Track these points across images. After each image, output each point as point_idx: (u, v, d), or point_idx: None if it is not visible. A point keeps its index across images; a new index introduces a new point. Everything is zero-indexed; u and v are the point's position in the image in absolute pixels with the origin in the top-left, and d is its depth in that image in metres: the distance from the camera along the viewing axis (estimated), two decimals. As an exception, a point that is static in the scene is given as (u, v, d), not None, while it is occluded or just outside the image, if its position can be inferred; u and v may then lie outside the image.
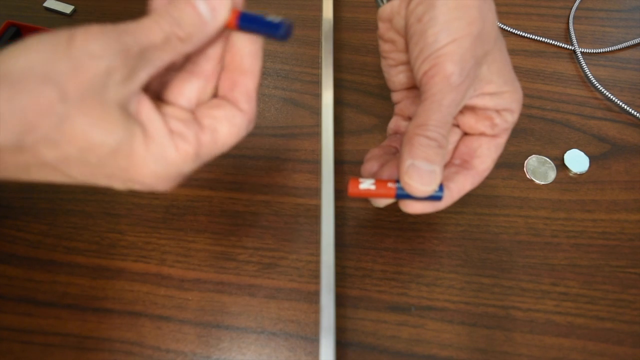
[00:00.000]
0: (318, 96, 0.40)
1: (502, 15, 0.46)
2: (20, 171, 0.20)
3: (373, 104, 0.40)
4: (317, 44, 0.44)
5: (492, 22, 0.26)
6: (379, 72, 0.33)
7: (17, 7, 0.46)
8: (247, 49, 0.24)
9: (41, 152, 0.19)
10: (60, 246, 0.33)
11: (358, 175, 0.36)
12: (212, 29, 0.22)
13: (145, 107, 0.21)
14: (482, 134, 0.28)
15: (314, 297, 0.31)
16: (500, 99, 0.27)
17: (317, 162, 0.37)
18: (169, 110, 0.23)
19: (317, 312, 0.31)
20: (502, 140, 0.28)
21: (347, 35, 0.44)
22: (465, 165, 0.28)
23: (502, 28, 0.45)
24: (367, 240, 0.34)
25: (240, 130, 0.24)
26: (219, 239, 0.33)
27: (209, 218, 0.34)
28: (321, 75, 0.38)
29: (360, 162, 0.37)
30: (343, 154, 0.37)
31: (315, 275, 0.32)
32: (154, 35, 0.21)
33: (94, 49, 0.19)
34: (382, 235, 0.34)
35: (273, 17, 0.23)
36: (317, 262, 0.33)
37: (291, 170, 0.37)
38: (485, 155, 0.28)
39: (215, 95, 0.25)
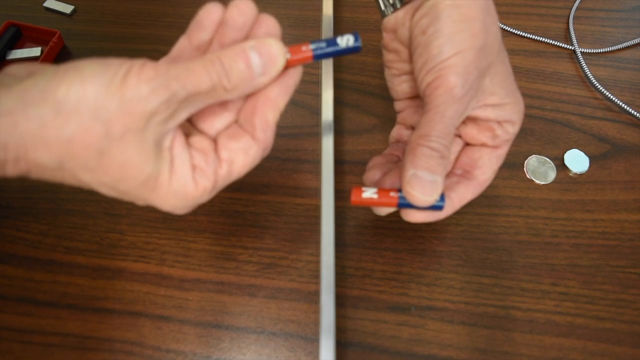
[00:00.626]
0: (318, 96, 0.40)
1: (502, 15, 0.46)
2: (55, 180, 0.21)
3: (373, 104, 0.40)
4: (317, 44, 0.44)
5: (495, 34, 0.26)
6: (379, 72, 0.33)
7: (17, 7, 0.46)
8: (285, 82, 0.24)
9: (78, 173, 0.20)
10: (60, 246, 0.33)
11: (358, 175, 0.36)
12: (259, 84, 0.23)
13: (178, 143, 0.23)
14: (483, 145, 0.29)
15: (314, 297, 0.31)
16: (502, 110, 0.27)
17: (317, 162, 0.37)
18: (195, 141, 0.24)
19: (317, 312, 0.31)
20: (503, 151, 0.29)
21: (347, 35, 0.44)
22: (466, 175, 0.29)
23: (502, 28, 0.45)
24: (367, 240, 0.34)
25: (254, 160, 0.25)
26: (219, 239, 0.33)
27: (209, 218, 0.34)
28: (321, 75, 0.38)
29: (360, 162, 0.37)
30: (343, 154, 0.37)
31: (315, 275, 0.32)
32: (203, 84, 0.21)
33: (144, 92, 0.19)
34: (382, 235, 0.34)
35: (341, 37, 0.24)
36: (317, 262, 0.33)
37: (291, 170, 0.37)
38: (486, 166, 0.29)
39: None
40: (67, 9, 0.45)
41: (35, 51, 0.42)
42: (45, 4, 0.46)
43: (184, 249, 0.33)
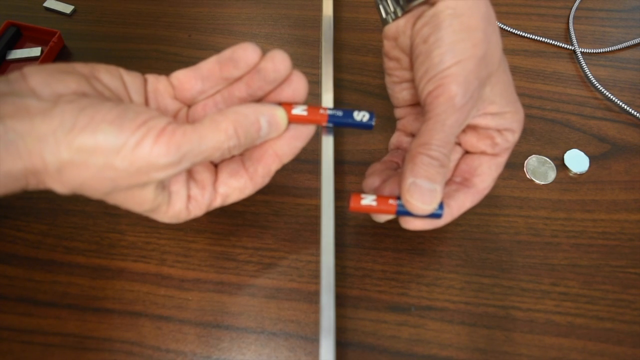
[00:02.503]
0: (318, 96, 0.40)
1: (502, 15, 0.46)
2: None
3: (373, 104, 0.40)
4: (317, 44, 0.44)
5: (496, 44, 0.26)
6: (379, 72, 0.33)
7: (17, 7, 0.46)
8: (294, 144, 0.27)
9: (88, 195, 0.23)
10: (60, 246, 0.33)
11: (358, 175, 0.36)
12: (260, 142, 0.25)
13: (178, 180, 0.25)
14: (483, 153, 0.29)
15: (314, 297, 0.31)
16: (502, 119, 0.27)
17: (317, 162, 0.37)
18: (197, 171, 0.26)
19: (317, 312, 0.31)
20: (502, 159, 0.29)
21: (347, 35, 0.44)
22: (465, 183, 0.29)
23: (502, 28, 0.45)
24: (367, 240, 0.34)
25: (247, 196, 0.27)
26: (219, 239, 0.33)
27: (209, 218, 0.34)
28: (321, 75, 0.38)
29: (360, 162, 0.37)
30: (343, 154, 0.37)
31: (315, 275, 0.32)
32: (214, 155, 0.23)
33: (155, 164, 0.21)
34: (382, 235, 0.34)
35: (358, 112, 0.26)
36: (317, 262, 0.33)
37: (291, 170, 0.37)
38: (485, 174, 0.29)
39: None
40: (67, 9, 0.45)
41: (35, 51, 0.42)
42: (45, 4, 0.46)
43: (184, 249, 0.33)
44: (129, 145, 0.20)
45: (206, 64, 0.25)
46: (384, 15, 0.28)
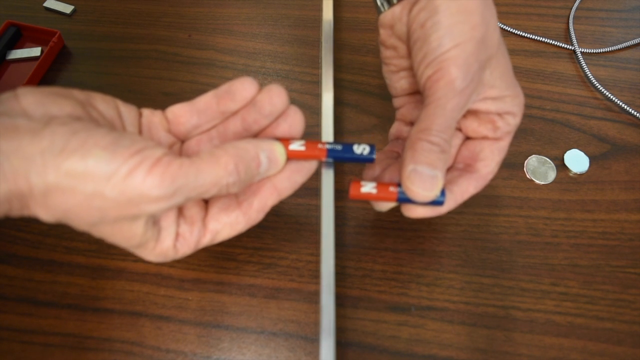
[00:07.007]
0: (318, 96, 0.40)
1: (502, 15, 0.46)
2: None
3: (373, 104, 0.40)
4: (317, 44, 0.44)
5: (494, 27, 0.26)
6: (379, 72, 0.33)
7: (17, 7, 0.46)
8: (294, 178, 0.26)
9: (74, 225, 0.22)
10: (60, 246, 0.33)
11: (358, 175, 0.36)
12: (258, 179, 0.24)
13: (170, 215, 0.24)
14: (484, 138, 0.28)
15: (314, 297, 0.31)
16: (503, 102, 0.27)
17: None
18: (186, 212, 0.25)
19: (317, 312, 0.31)
20: (505, 143, 0.28)
21: (347, 35, 0.44)
22: (468, 168, 0.28)
23: (502, 28, 0.45)
24: (367, 240, 0.34)
25: (238, 232, 0.26)
26: (219, 239, 0.33)
27: (209, 218, 0.34)
28: (321, 75, 0.38)
29: (360, 162, 0.37)
30: (343, 154, 0.37)
31: (315, 275, 0.32)
32: (210, 192, 0.22)
33: (147, 195, 0.20)
34: (382, 235, 0.34)
35: (358, 145, 0.25)
36: (317, 262, 0.33)
37: (291, 170, 0.36)
38: (488, 159, 0.28)
39: None
40: (67, 9, 0.45)
41: (35, 51, 0.42)
42: (45, 4, 0.46)
43: (184, 249, 0.33)
44: (120, 173, 0.19)
45: (203, 98, 0.25)
46: (378, 3, 0.28)
